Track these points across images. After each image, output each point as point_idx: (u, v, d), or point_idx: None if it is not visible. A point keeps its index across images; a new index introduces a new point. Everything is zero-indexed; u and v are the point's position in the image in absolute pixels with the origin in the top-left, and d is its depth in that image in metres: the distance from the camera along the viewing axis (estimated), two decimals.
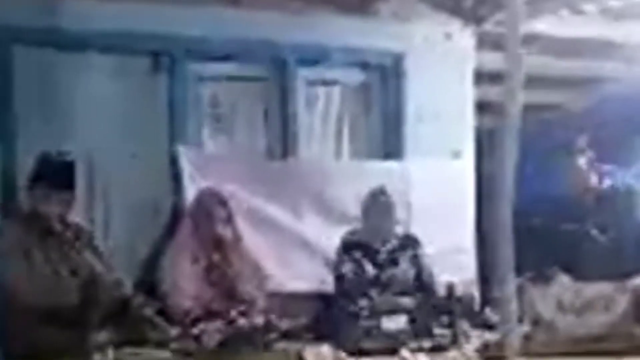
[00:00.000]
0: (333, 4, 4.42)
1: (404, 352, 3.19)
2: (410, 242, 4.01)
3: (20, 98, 4.00)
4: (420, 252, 3.98)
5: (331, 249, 4.03)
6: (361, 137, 4.71)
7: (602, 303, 3.32)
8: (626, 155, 5.70)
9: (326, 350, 3.21)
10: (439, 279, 3.94)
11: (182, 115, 4.30)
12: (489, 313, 3.86)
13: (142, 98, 4.23)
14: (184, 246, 3.75)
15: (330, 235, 4.13)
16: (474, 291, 4.45)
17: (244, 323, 3.47)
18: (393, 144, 4.66)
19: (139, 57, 4.24)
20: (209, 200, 3.84)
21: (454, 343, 3.36)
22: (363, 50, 4.58)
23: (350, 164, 4.63)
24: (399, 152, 4.65)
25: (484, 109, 4.79)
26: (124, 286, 3.46)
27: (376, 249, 3.94)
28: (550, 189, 5.50)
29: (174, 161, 4.17)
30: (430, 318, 3.57)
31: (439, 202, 4.41)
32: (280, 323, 3.57)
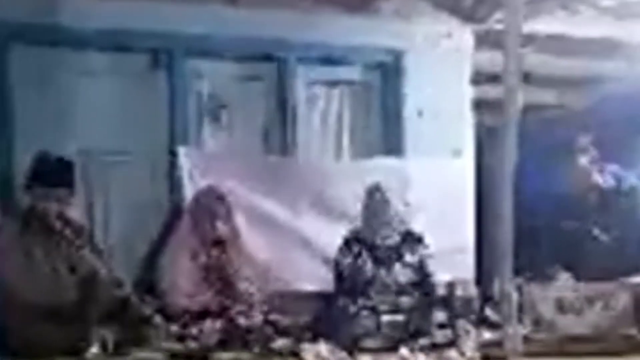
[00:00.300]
0: (334, 2, 4.41)
1: (403, 351, 3.18)
2: (411, 239, 4.00)
3: (19, 96, 3.99)
4: (421, 250, 3.96)
5: (331, 248, 4.01)
6: (361, 136, 4.70)
7: (602, 303, 3.31)
8: (629, 154, 5.68)
9: (325, 349, 3.20)
10: (438, 278, 3.93)
11: (182, 113, 4.29)
12: (488, 312, 3.85)
13: (141, 96, 4.22)
14: (183, 244, 3.75)
15: (329, 234, 4.12)
16: (473, 290, 4.44)
17: (243, 321, 3.46)
18: (393, 142, 4.64)
19: (138, 55, 4.24)
20: (208, 197, 3.83)
21: (453, 342, 3.35)
22: (364, 48, 4.57)
23: (349, 162, 4.62)
24: (399, 151, 4.63)
25: (483, 108, 4.78)
26: (123, 284, 3.45)
27: (377, 245, 3.92)
28: (552, 187, 5.47)
29: (173, 159, 4.16)
30: (430, 317, 3.56)
31: (439, 201, 4.39)
32: (279, 321, 3.57)
